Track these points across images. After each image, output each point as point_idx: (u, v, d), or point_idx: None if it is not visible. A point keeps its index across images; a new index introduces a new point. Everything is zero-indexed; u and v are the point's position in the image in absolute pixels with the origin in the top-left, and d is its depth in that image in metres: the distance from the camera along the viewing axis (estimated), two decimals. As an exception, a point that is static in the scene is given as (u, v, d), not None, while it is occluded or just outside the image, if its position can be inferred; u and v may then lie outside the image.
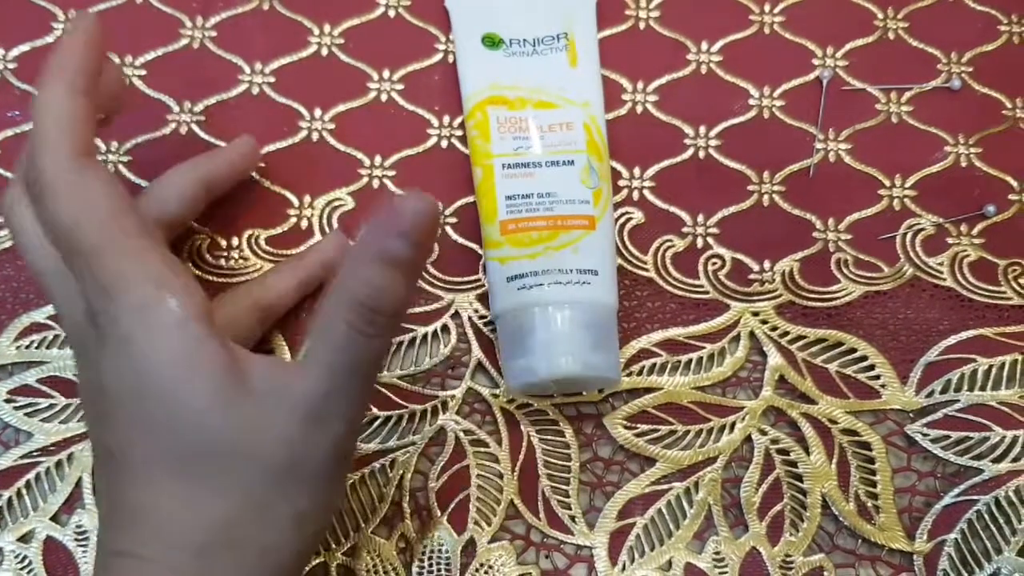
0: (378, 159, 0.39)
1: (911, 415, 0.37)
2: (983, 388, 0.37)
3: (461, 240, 0.38)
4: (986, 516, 0.35)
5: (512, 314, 0.35)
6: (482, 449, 0.36)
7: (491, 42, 0.38)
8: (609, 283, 0.35)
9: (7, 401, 0.36)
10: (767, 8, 0.41)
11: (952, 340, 0.37)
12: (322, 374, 0.27)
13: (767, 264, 0.38)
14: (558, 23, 0.39)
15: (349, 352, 0.27)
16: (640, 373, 0.37)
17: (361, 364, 0.27)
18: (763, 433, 0.36)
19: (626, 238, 0.38)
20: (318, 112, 0.40)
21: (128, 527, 0.27)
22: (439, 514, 0.35)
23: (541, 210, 0.35)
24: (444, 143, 0.40)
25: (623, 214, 0.38)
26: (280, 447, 0.27)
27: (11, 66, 0.40)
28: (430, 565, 0.35)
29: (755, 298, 0.38)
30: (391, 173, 0.39)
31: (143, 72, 0.40)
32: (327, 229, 0.38)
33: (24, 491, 0.36)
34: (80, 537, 0.35)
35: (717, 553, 0.35)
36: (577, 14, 0.39)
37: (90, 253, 0.26)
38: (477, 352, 0.37)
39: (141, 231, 0.27)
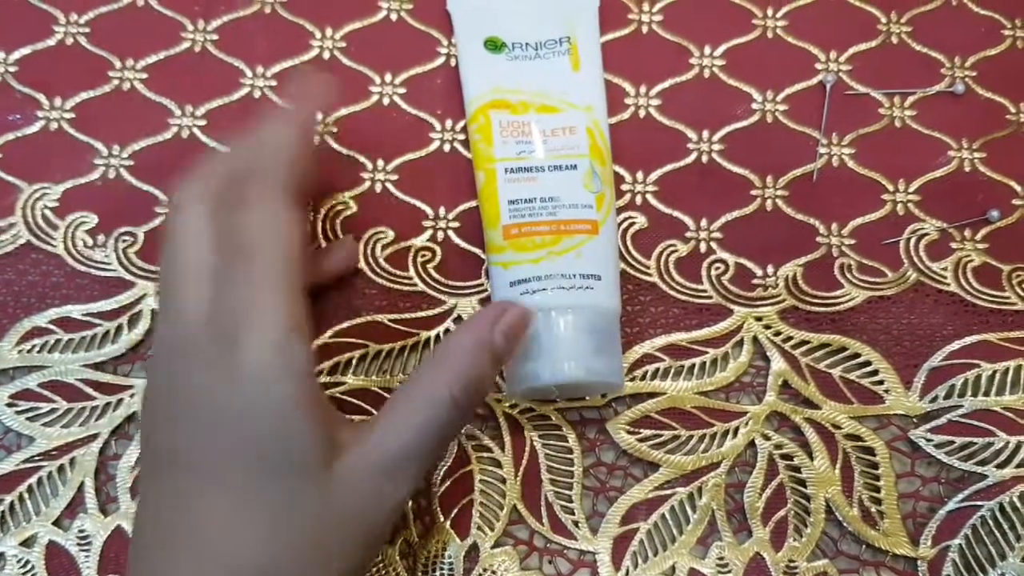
0: (380, 163, 0.39)
1: (915, 420, 0.37)
2: (987, 393, 0.37)
3: (463, 244, 0.38)
4: (990, 522, 0.35)
5: None
6: (485, 454, 0.36)
7: (493, 46, 0.38)
8: (612, 288, 0.35)
9: (9, 405, 0.36)
10: (770, 12, 0.41)
11: (956, 345, 0.37)
12: (411, 437, 0.28)
13: (770, 269, 0.38)
14: (560, 27, 0.39)
15: (442, 419, 0.29)
16: (643, 378, 0.37)
17: (446, 434, 0.29)
18: (766, 438, 0.36)
19: (629, 243, 0.38)
20: (320, 116, 0.40)
21: (181, 544, 0.27)
22: (442, 519, 0.35)
23: (544, 214, 0.35)
24: (446, 147, 0.39)
25: (626, 218, 0.38)
26: (353, 502, 0.28)
27: (12, 69, 0.40)
28: (433, 570, 0.35)
29: (758, 303, 0.38)
30: (393, 177, 0.39)
31: (144, 76, 0.40)
32: (330, 233, 0.38)
33: (26, 495, 0.35)
34: (82, 542, 0.35)
35: (721, 559, 0.35)
36: (579, 18, 0.39)
37: (249, 276, 0.27)
38: (480, 357, 0.37)
39: (299, 278, 0.29)
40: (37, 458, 0.36)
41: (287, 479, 0.27)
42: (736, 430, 0.36)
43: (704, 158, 0.39)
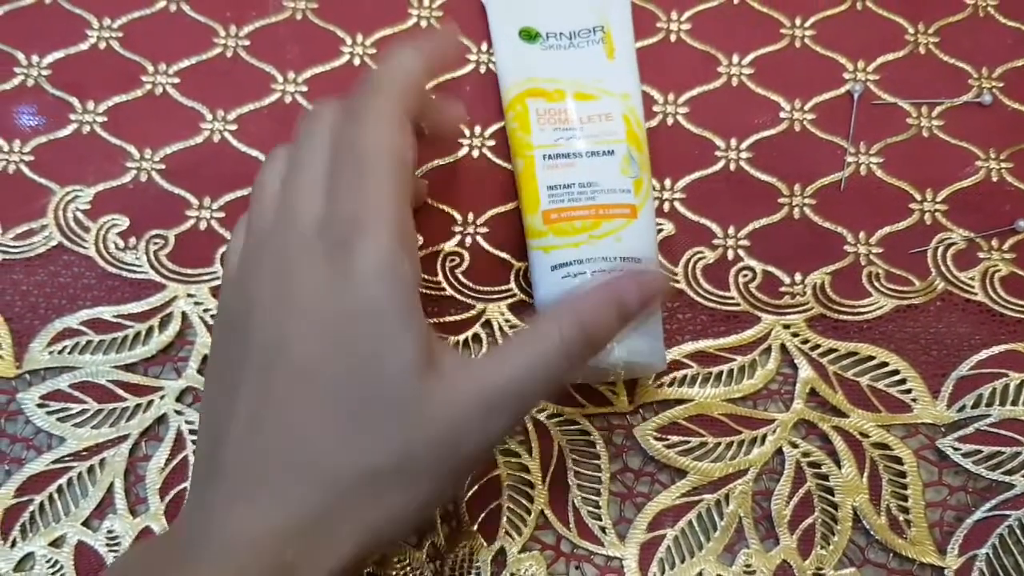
0: (410, 168, 0.39)
1: (942, 429, 0.37)
2: (1015, 403, 0.37)
3: (492, 250, 0.38)
4: (1018, 531, 0.35)
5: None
6: (513, 459, 0.36)
7: (528, 36, 0.39)
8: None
9: (40, 406, 0.36)
10: (798, 22, 0.41)
11: (983, 355, 0.37)
12: (514, 371, 0.28)
13: (798, 277, 0.38)
14: (594, 16, 0.39)
15: (549, 362, 0.28)
16: (671, 385, 0.37)
17: (550, 377, 0.28)
18: (794, 446, 0.36)
19: (657, 249, 0.38)
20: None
21: (265, 455, 0.27)
22: (470, 523, 0.35)
23: (583, 199, 0.35)
24: (475, 153, 0.40)
25: (655, 225, 0.39)
26: (448, 425, 0.27)
27: (45, 73, 0.41)
28: (461, 574, 0.35)
29: (786, 311, 0.38)
30: (423, 182, 0.39)
31: (176, 80, 0.40)
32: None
33: (56, 496, 0.36)
34: (111, 542, 0.35)
35: (748, 566, 0.35)
36: (612, 7, 0.40)
37: (366, 189, 0.28)
38: (508, 362, 0.37)
39: (409, 197, 0.29)
40: (67, 459, 0.36)
41: (386, 385, 0.27)
42: (764, 437, 0.36)
43: (732, 166, 0.40)
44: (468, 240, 0.39)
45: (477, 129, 0.40)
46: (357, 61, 0.41)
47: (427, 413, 0.27)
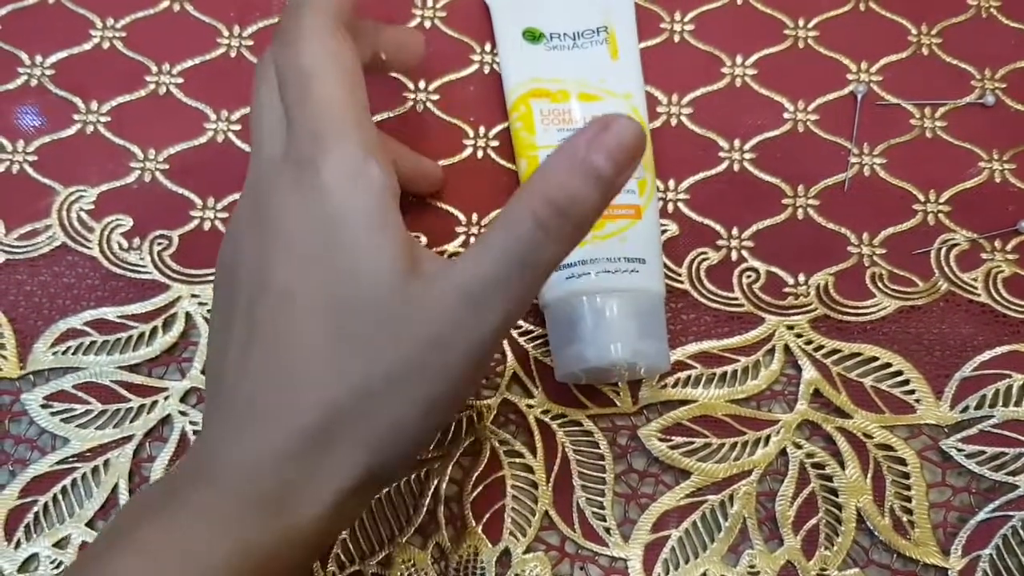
0: (414, 169, 0.39)
1: (946, 430, 0.37)
2: (1018, 404, 0.37)
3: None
4: (1021, 532, 0.35)
5: (561, 303, 0.35)
6: (517, 460, 0.36)
7: (532, 36, 0.38)
8: (657, 271, 0.35)
9: (43, 407, 0.36)
10: (801, 22, 0.42)
11: (987, 355, 0.37)
12: (493, 259, 0.27)
13: (802, 277, 0.38)
14: (598, 16, 0.39)
15: (525, 245, 0.26)
16: (675, 385, 0.37)
17: (531, 262, 0.27)
18: (798, 447, 0.36)
19: (661, 249, 0.38)
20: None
21: (258, 382, 0.27)
22: (474, 524, 0.35)
23: None
24: (479, 153, 0.40)
25: (659, 226, 0.39)
26: (434, 325, 0.27)
27: (49, 73, 0.41)
28: (465, 575, 0.35)
29: (790, 311, 0.38)
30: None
31: (180, 80, 0.40)
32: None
33: (60, 497, 0.36)
34: (115, 543, 0.35)
35: (752, 567, 0.35)
36: (616, 7, 0.40)
37: (317, 102, 0.28)
38: (512, 363, 0.37)
39: (365, 104, 0.29)
40: (71, 459, 0.36)
41: (366, 293, 0.27)
42: (767, 438, 0.36)
43: (736, 166, 0.40)
44: (472, 240, 0.39)
45: (481, 129, 0.40)
46: (361, 61, 0.41)
47: (411, 316, 0.27)
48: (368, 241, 0.27)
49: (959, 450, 0.36)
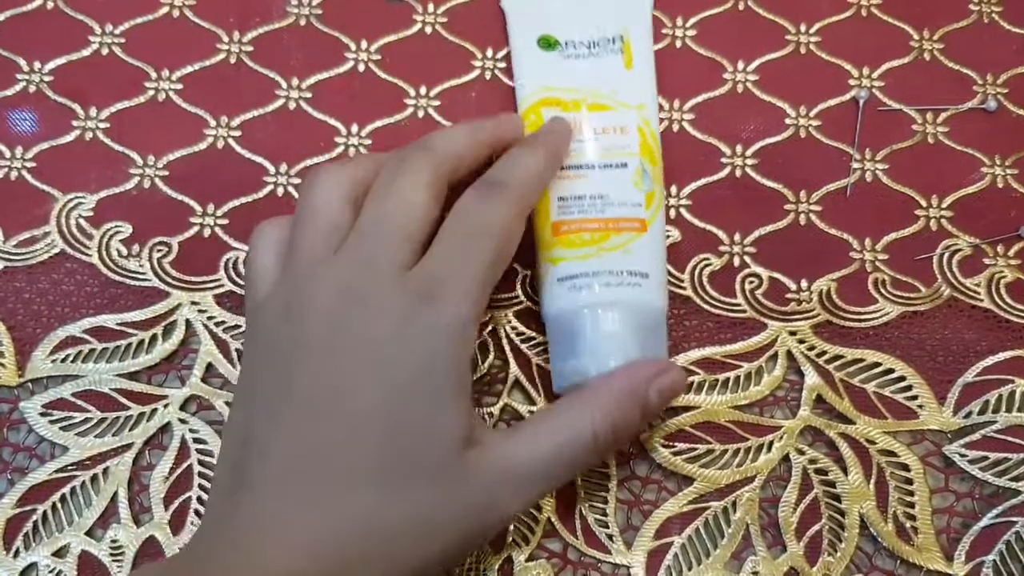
0: (415, 175, 0.39)
1: (949, 436, 0.36)
2: (1021, 409, 0.37)
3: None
4: (1025, 538, 0.35)
5: (562, 315, 0.34)
6: (519, 466, 0.36)
7: (547, 44, 0.38)
8: (659, 286, 0.35)
9: (42, 415, 0.36)
10: (803, 28, 0.42)
11: (990, 361, 0.37)
12: (543, 456, 0.30)
13: (804, 283, 0.38)
14: (613, 25, 0.39)
15: (578, 452, 0.30)
16: (678, 391, 0.37)
17: (578, 465, 0.31)
18: (801, 453, 0.36)
19: (666, 262, 0.38)
20: (355, 128, 0.40)
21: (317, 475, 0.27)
22: (477, 532, 0.35)
23: (593, 212, 0.35)
24: (482, 159, 0.40)
25: (661, 232, 0.39)
26: (478, 493, 0.29)
27: (47, 79, 0.40)
28: (467, 583, 0.35)
29: (792, 317, 0.38)
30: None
31: (180, 86, 0.40)
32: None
33: (59, 505, 0.35)
34: (115, 552, 0.35)
35: (755, 573, 0.35)
36: (633, 16, 0.40)
37: (470, 256, 0.30)
38: (515, 369, 0.37)
39: (500, 275, 0.31)
40: (70, 468, 0.36)
41: (430, 452, 0.28)
42: (770, 444, 0.36)
43: (737, 172, 0.40)
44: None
45: (482, 135, 0.40)
46: (361, 67, 0.41)
47: (461, 484, 0.28)
48: (446, 406, 0.28)
49: (962, 456, 0.36)
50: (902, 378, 0.37)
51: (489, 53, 0.41)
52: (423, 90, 0.40)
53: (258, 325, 0.31)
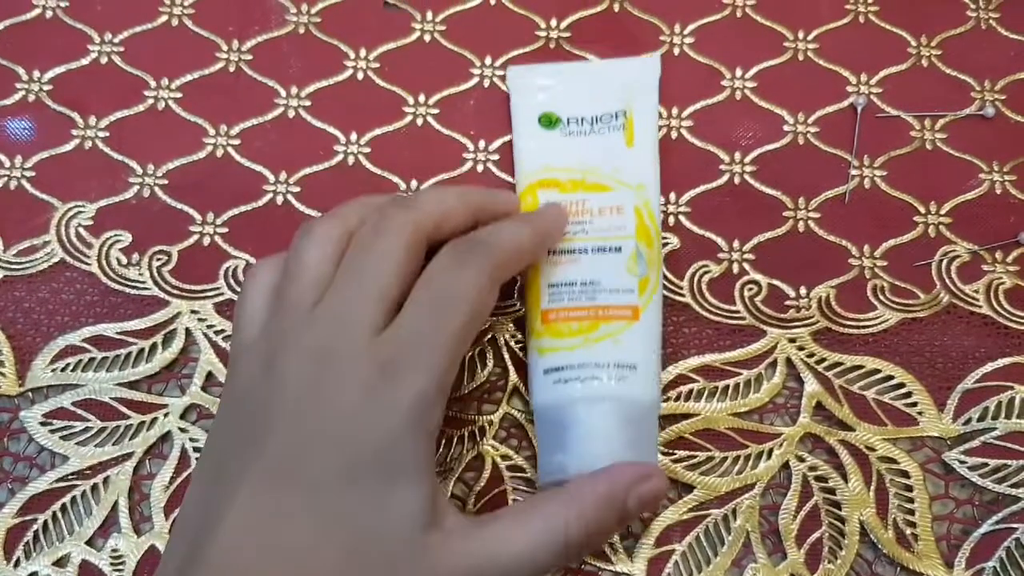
0: (414, 183, 0.39)
1: (948, 442, 0.37)
2: (1020, 416, 0.37)
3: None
4: (1025, 544, 0.35)
5: (547, 409, 0.34)
6: (519, 475, 0.36)
7: (548, 122, 0.38)
8: (649, 378, 0.34)
9: (43, 424, 0.36)
10: (801, 35, 0.42)
11: (989, 367, 0.37)
12: (514, 552, 0.28)
13: (803, 290, 0.38)
14: (618, 100, 0.38)
15: (548, 553, 0.29)
16: (677, 399, 0.37)
17: (546, 566, 0.29)
18: (801, 460, 0.36)
19: (662, 264, 0.38)
20: (354, 136, 0.40)
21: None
22: (477, 540, 0.35)
23: (583, 299, 0.34)
24: (480, 167, 0.40)
25: (660, 240, 0.39)
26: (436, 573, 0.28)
27: (47, 88, 0.40)
28: (468, 592, 0.35)
29: (791, 324, 0.38)
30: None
31: (179, 95, 0.40)
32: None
33: (59, 515, 0.35)
34: (116, 561, 0.35)
35: (756, 581, 0.35)
36: (637, 90, 0.39)
37: (439, 325, 0.29)
38: (514, 377, 0.37)
39: (469, 346, 0.31)
40: (71, 477, 0.36)
41: (388, 533, 0.27)
42: (770, 452, 0.36)
43: (736, 179, 0.40)
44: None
45: (481, 143, 0.40)
46: (360, 76, 0.41)
47: (420, 569, 0.27)
48: (406, 485, 0.28)
49: (962, 462, 0.36)
50: (901, 385, 0.37)
51: (488, 61, 0.41)
52: (422, 98, 0.40)
53: (240, 368, 0.30)
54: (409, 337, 0.29)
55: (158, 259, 0.38)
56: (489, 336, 0.37)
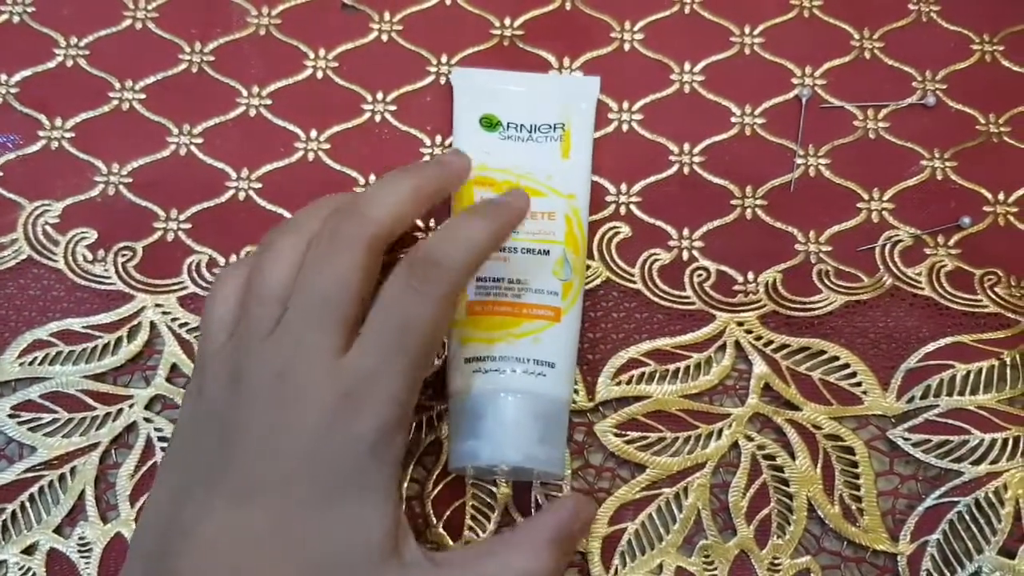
0: (372, 177, 0.40)
1: (892, 420, 0.38)
2: (961, 393, 0.38)
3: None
4: (967, 517, 0.36)
5: (464, 396, 0.35)
6: (476, 458, 0.37)
7: (489, 123, 0.39)
8: (565, 377, 0.35)
9: (10, 416, 0.37)
10: (747, 29, 0.43)
11: (931, 347, 0.38)
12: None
13: (751, 276, 0.39)
14: (556, 113, 0.39)
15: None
16: (629, 382, 0.38)
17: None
18: (750, 439, 0.37)
19: (614, 251, 0.39)
20: (314, 133, 0.41)
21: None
22: (435, 522, 0.36)
23: (509, 296, 0.35)
24: (436, 162, 0.41)
25: (611, 228, 0.40)
26: None
27: (14, 91, 0.41)
28: (426, 572, 0.36)
29: (740, 309, 0.39)
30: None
31: (143, 96, 0.41)
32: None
33: (27, 504, 0.36)
34: (83, 549, 0.36)
35: (706, 556, 0.36)
36: (576, 107, 0.40)
37: (397, 355, 0.29)
38: (470, 363, 0.38)
39: (429, 369, 0.34)
40: (38, 467, 0.37)
41: (346, 560, 0.28)
42: (720, 432, 0.37)
43: (686, 170, 0.41)
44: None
45: (438, 139, 0.41)
46: (320, 75, 0.42)
47: None
48: (365, 513, 0.28)
49: (906, 439, 0.37)
50: (847, 365, 0.38)
51: (444, 59, 0.42)
52: (380, 95, 0.42)
53: (208, 375, 0.31)
54: (370, 367, 0.29)
55: (123, 255, 0.39)
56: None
